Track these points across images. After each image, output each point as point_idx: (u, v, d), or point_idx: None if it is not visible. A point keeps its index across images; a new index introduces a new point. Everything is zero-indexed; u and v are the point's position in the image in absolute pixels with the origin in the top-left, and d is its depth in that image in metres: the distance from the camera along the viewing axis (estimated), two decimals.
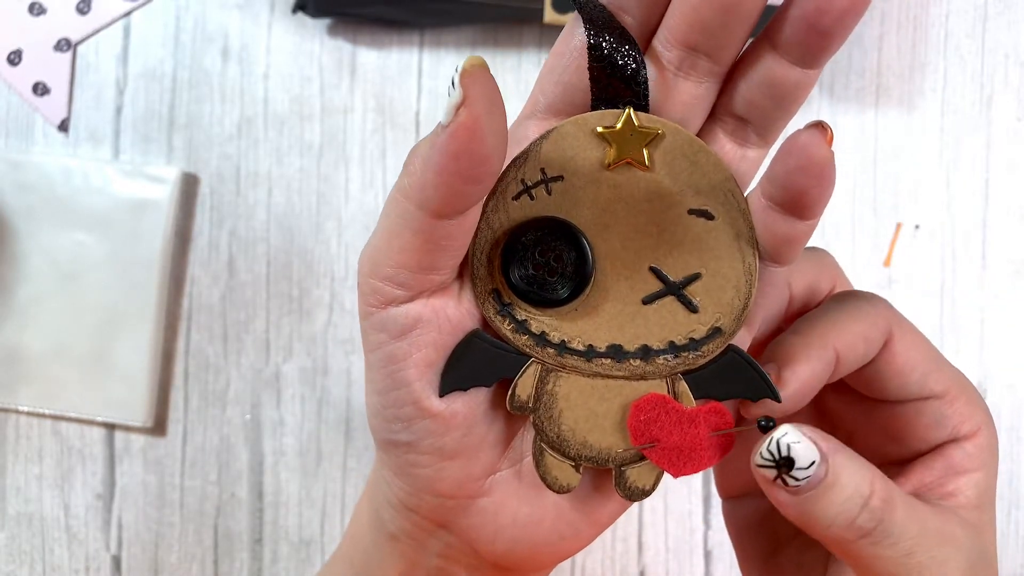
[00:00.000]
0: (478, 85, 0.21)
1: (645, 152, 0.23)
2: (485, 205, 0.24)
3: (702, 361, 0.24)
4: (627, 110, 0.23)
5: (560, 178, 0.24)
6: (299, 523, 0.54)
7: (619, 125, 0.23)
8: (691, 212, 0.23)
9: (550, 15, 0.49)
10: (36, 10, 0.54)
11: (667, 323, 0.24)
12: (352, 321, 0.53)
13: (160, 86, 0.54)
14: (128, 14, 0.54)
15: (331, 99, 0.53)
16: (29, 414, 0.54)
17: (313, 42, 0.53)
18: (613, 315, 0.24)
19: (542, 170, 0.24)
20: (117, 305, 0.53)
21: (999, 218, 0.52)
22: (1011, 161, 0.52)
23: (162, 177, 0.53)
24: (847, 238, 0.52)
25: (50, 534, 0.54)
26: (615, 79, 0.23)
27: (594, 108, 0.23)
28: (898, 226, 0.52)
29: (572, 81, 0.24)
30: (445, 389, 0.24)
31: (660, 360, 0.24)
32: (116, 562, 0.54)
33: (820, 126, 0.22)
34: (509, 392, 0.24)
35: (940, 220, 0.52)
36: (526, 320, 0.24)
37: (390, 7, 0.51)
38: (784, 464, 0.23)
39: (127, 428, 0.54)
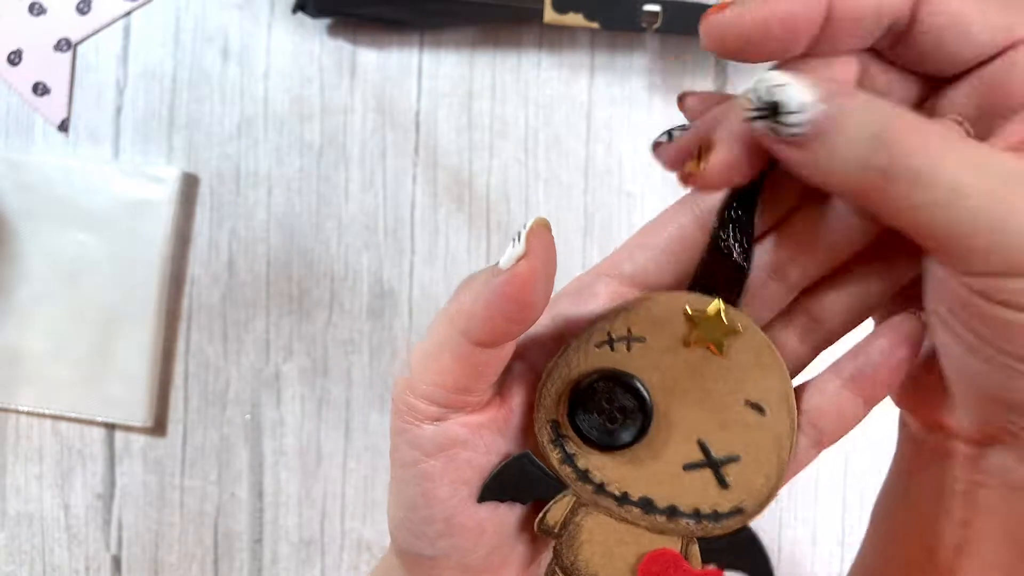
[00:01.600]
0: (541, 244, 0.23)
1: (724, 342, 0.26)
2: (568, 344, 0.26)
3: (718, 532, 0.26)
4: (719, 302, 0.25)
5: (643, 339, 0.26)
6: (299, 523, 0.54)
7: (709, 312, 0.25)
8: (747, 403, 0.26)
9: (550, 15, 0.49)
10: (36, 10, 0.54)
11: (698, 492, 0.26)
12: (352, 321, 0.53)
13: (160, 86, 0.54)
14: (128, 14, 0.54)
15: (331, 99, 0.53)
16: (29, 414, 0.54)
17: (313, 42, 0.53)
18: (654, 472, 0.26)
19: (628, 329, 0.26)
20: (117, 305, 0.53)
21: None
22: None
23: (162, 177, 0.53)
24: None
25: (50, 534, 0.54)
26: (721, 274, 0.25)
27: (690, 288, 0.26)
28: None
29: (664, 261, 0.26)
30: (485, 496, 0.26)
31: (683, 522, 0.26)
32: (116, 562, 0.54)
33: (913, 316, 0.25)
34: (541, 514, 0.26)
35: None
36: (575, 455, 0.26)
37: (390, 7, 0.51)
38: (771, 111, 0.21)
39: (127, 428, 0.54)
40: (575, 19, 0.48)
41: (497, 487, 0.26)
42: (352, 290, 0.53)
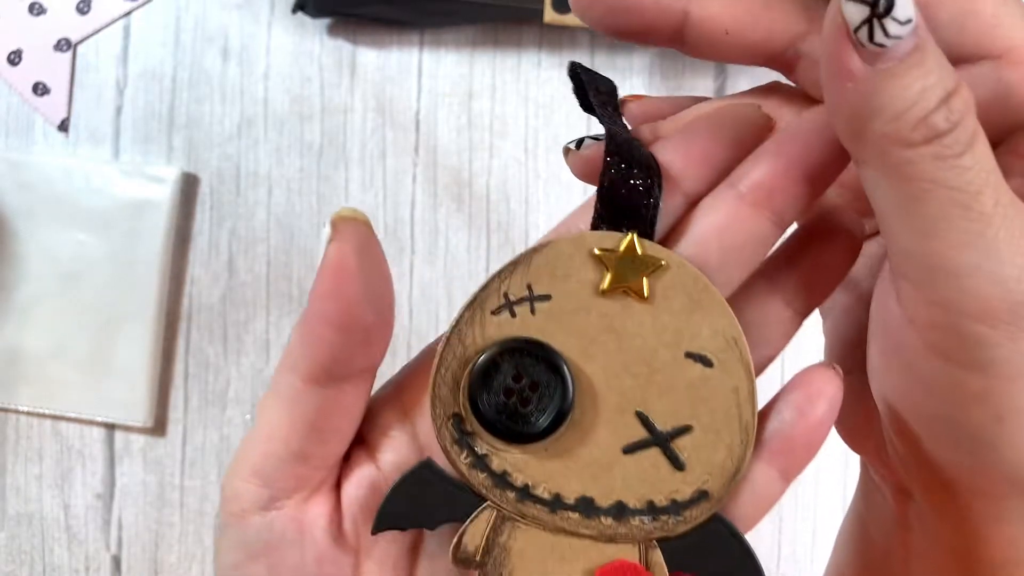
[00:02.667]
0: (351, 226, 0.19)
1: (645, 282, 0.21)
2: (460, 316, 0.21)
3: (683, 528, 0.21)
4: (630, 235, 0.21)
5: (548, 297, 0.21)
6: None
7: (620, 249, 0.21)
8: (688, 356, 0.21)
9: (550, 15, 0.49)
10: (36, 10, 0.54)
11: (648, 478, 0.21)
12: None
13: (160, 86, 0.54)
14: (128, 14, 0.54)
15: (331, 99, 0.53)
16: (29, 414, 0.54)
17: (313, 42, 0.53)
18: (588, 461, 0.21)
19: (528, 286, 0.21)
20: (117, 305, 0.53)
21: None
22: None
23: (162, 177, 0.53)
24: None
25: (50, 534, 0.54)
26: (625, 200, 0.21)
27: (595, 227, 0.21)
28: None
29: None
30: (380, 526, 0.21)
31: (635, 521, 0.21)
32: (116, 562, 0.54)
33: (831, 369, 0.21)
34: (455, 540, 0.21)
35: None
36: (487, 455, 0.21)
37: (390, 7, 0.51)
38: (882, 8, 0.17)
39: (127, 428, 0.54)
40: (575, 19, 0.48)
41: (393, 512, 0.21)
42: None
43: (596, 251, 0.21)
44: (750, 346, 0.21)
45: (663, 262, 0.21)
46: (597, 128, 0.23)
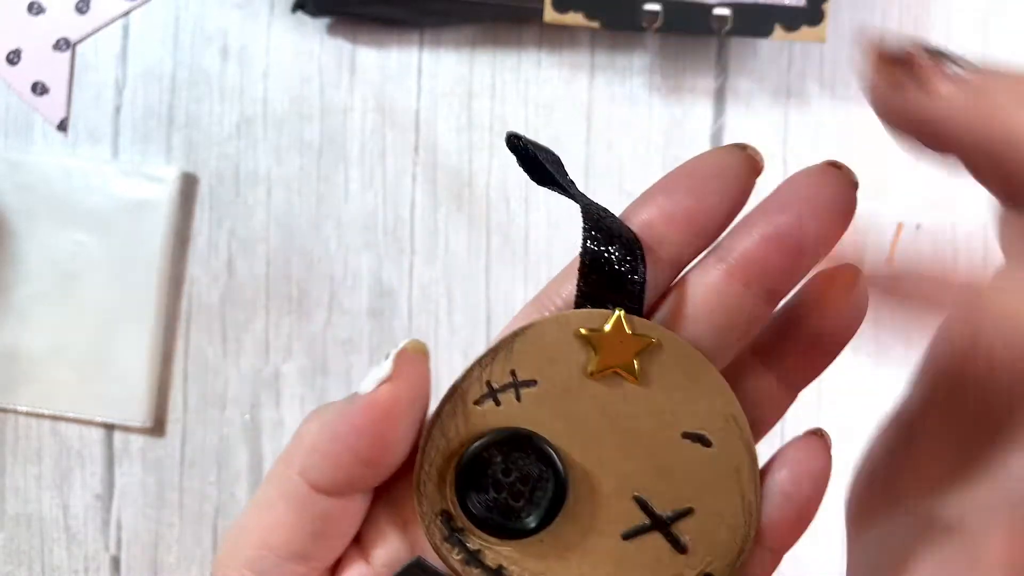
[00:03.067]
0: (412, 368, 0.19)
1: (636, 363, 0.20)
2: (440, 409, 0.20)
3: None
4: (617, 312, 0.20)
5: (533, 383, 0.20)
6: None
7: (607, 328, 0.20)
8: (685, 436, 0.20)
9: (550, 15, 0.49)
10: (35, 9, 0.54)
11: (649, 565, 0.20)
12: (352, 321, 0.53)
13: (159, 86, 0.54)
14: (127, 13, 0.54)
15: (331, 99, 0.53)
16: (28, 414, 0.54)
17: (313, 41, 0.53)
18: (587, 551, 0.20)
19: (512, 372, 0.20)
20: (116, 305, 0.53)
21: None
22: None
23: (161, 177, 0.53)
24: (848, 238, 0.52)
25: (49, 535, 0.54)
26: (605, 275, 0.20)
27: (578, 306, 0.20)
28: (899, 226, 0.52)
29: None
30: None
31: None
32: (115, 563, 0.54)
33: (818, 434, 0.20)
34: None
35: (942, 220, 0.52)
36: (480, 551, 0.20)
37: (390, 6, 0.51)
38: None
39: (126, 428, 0.54)
40: (575, 18, 0.48)
41: None
42: (351, 290, 0.53)
43: (582, 331, 0.20)
44: None
45: (654, 339, 0.20)
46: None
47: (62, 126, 0.54)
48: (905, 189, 0.52)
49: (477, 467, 0.20)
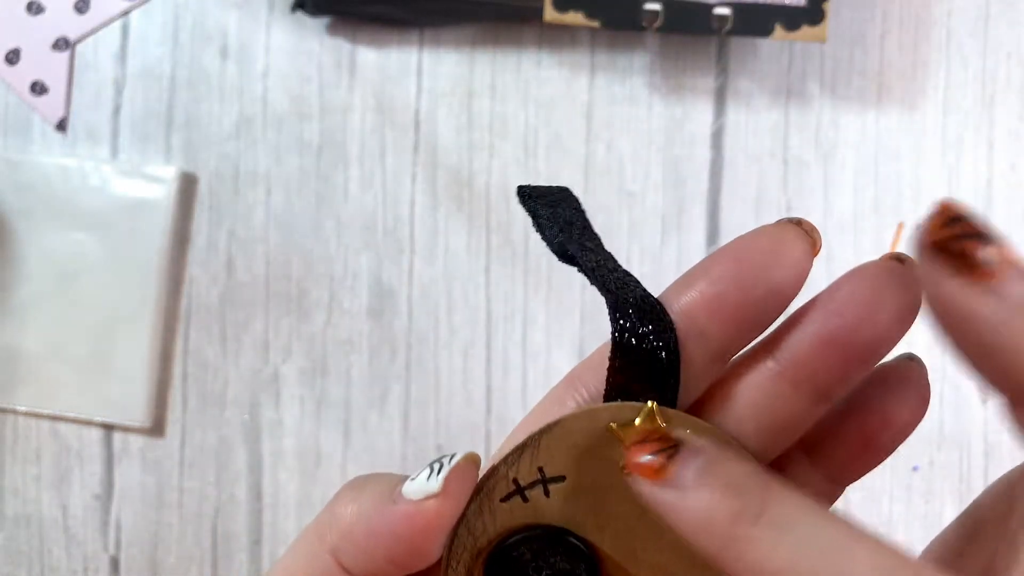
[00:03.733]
0: (462, 486, 0.18)
1: None
2: (466, 508, 0.19)
3: None
4: (649, 404, 0.19)
5: (561, 479, 0.19)
6: (298, 525, 0.53)
7: (639, 422, 0.19)
8: None
9: (550, 14, 0.49)
10: (34, 9, 0.54)
11: None
12: (351, 321, 0.53)
13: (158, 85, 0.54)
14: (126, 13, 0.54)
15: (330, 98, 0.53)
16: (27, 414, 0.54)
17: (312, 41, 0.53)
18: None
19: (540, 469, 0.19)
20: (115, 305, 0.53)
21: (1001, 218, 0.52)
22: (1013, 161, 0.52)
23: (160, 177, 0.53)
24: (849, 238, 0.52)
25: (48, 535, 0.54)
26: (640, 367, 0.19)
27: (607, 398, 0.19)
28: (899, 226, 0.52)
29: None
30: None
31: None
32: (114, 563, 0.54)
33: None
34: None
35: None
36: None
37: (390, 6, 0.51)
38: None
39: (125, 429, 0.54)
40: (575, 18, 0.48)
41: None
42: (351, 290, 0.53)
43: (613, 426, 0.19)
44: None
45: (686, 432, 0.18)
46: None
47: (61, 126, 0.54)
48: (906, 189, 0.52)
49: (507, 565, 0.19)
